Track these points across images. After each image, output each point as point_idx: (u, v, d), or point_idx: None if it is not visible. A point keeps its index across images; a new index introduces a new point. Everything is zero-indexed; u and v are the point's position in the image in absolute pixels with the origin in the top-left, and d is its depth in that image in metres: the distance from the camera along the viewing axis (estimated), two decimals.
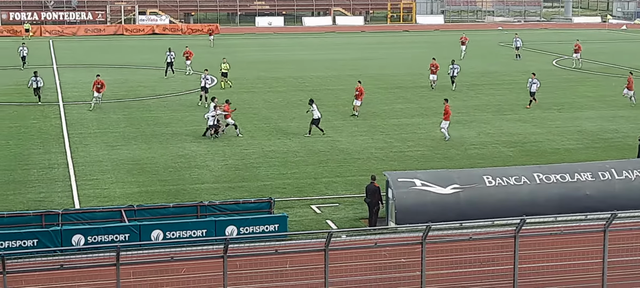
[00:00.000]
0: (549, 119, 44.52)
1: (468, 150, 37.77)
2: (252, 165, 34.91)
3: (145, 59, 70.78)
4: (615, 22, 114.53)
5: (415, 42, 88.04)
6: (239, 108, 47.56)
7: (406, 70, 64.13)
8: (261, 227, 25.84)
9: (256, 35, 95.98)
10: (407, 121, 43.94)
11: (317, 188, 31.65)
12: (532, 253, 21.73)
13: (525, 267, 21.15)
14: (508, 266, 20.58)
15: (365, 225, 27.36)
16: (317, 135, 40.40)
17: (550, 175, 27.71)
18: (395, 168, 33.45)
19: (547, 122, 43.82)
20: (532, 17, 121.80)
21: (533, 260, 21.83)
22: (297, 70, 63.55)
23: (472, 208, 26.57)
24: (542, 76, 59.89)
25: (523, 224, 19.86)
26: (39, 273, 20.51)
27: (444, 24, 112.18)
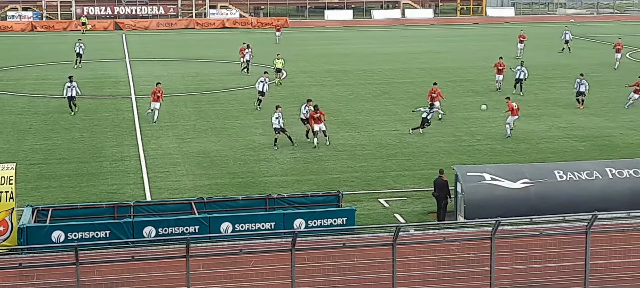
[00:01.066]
0: (621, 113, 43.71)
1: (538, 144, 37.32)
2: (320, 158, 35.03)
3: (216, 53, 71.47)
4: None
5: (485, 35, 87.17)
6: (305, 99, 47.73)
7: (476, 63, 63.56)
8: (329, 221, 25.92)
9: (325, 29, 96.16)
10: (477, 114, 43.57)
11: (386, 182, 31.63)
12: (603, 249, 21.37)
13: (597, 263, 20.83)
14: (579, 262, 20.30)
15: (433, 219, 27.24)
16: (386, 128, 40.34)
17: (623, 170, 27.24)
18: (464, 162, 33.28)
19: (619, 116, 43.04)
20: (605, 10, 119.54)
21: (605, 256, 21.47)
22: (365, 64, 63.49)
23: (542, 203, 26.27)
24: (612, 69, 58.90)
25: (595, 220, 19.57)
26: (110, 264, 20.91)
27: (514, 16, 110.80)
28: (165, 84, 52.92)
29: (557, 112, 43.94)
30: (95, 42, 77.83)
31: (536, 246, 21.39)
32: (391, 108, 45.69)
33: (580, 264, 20.24)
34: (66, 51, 69.70)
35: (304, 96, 48.96)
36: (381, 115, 43.67)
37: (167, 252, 20.88)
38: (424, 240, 22.23)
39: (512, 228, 23.16)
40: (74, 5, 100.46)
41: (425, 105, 41.02)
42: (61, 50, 72.50)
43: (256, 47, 64.47)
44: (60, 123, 41.87)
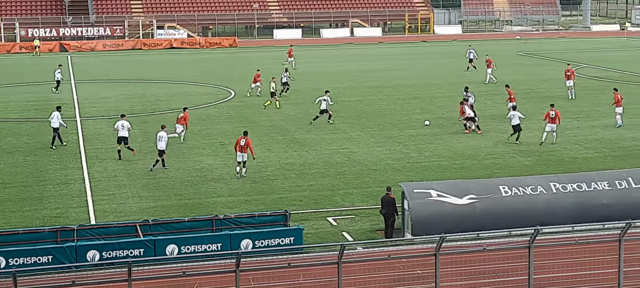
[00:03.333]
0: (566, 128, 44.20)
1: (485, 160, 37.58)
2: (268, 177, 34.89)
3: (164, 73, 71.00)
4: (634, 29, 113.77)
5: (433, 53, 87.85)
6: (256, 119, 47.70)
7: (424, 80, 63.98)
8: (276, 240, 25.80)
9: (274, 48, 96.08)
10: (424, 131, 43.79)
11: (334, 200, 31.59)
12: (547, 263, 21.53)
13: (540, 278, 20.95)
14: (523, 277, 20.41)
15: (381, 236, 27.23)
16: (335, 146, 40.37)
17: (567, 184, 27.51)
18: (412, 179, 33.38)
19: (564, 131, 43.49)
20: (550, 26, 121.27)
21: (548, 270, 21.63)
22: (314, 82, 63.49)
23: (488, 219, 26.40)
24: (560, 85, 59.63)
25: (537, 234, 19.70)
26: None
27: (462, 34, 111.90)
28: (111, 106, 52.58)
29: (504, 128, 44.26)
30: (41, 64, 76.86)
31: (481, 262, 21.47)
32: (340, 126, 45.71)
33: (523, 279, 20.35)
34: (8, 74, 68.71)
35: (253, 116, 48.90)
36: (330, 134, 43.67)
37: (109, 276, 20.57)
38: (370, 258, 22.20)
39: (457, 244, 23.23)
40: (17, 28, 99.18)
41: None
42: (3, 73, 71.47)
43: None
44: (3, 147, 41.20)
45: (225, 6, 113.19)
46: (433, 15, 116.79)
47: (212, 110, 51.82)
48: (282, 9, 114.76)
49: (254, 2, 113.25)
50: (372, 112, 50.08)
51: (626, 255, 20.48)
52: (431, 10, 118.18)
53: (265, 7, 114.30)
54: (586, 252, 22.29)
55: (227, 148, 40.15)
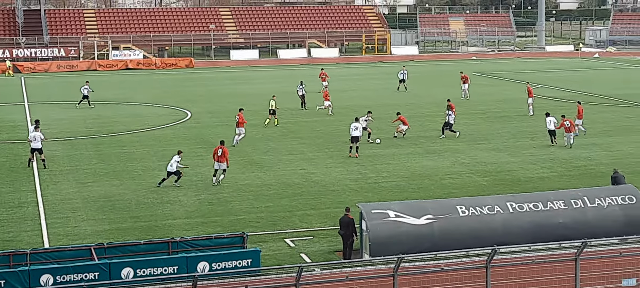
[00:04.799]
0: (522, 148, 44.58)
1: (442, 180, 37.69)
2: (225, 199, 34.64)
3: (119, 94, 70.41)
4: (588, 50, 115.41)
5: (390, 73, 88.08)
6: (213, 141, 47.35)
7: (381, 101, 64.15)
8: (233, 262, 25.57)
9: (231, 69, 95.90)
10: (382, 152, 43.82)
11: (292, 222, 31.43)
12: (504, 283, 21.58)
13: None
14: None
15: (339, 258, 27.13)
16: (292, 167, 40.25)
17: (523, 204, 27.66)
18: (369, 200, 33.33)
19: (521, 150, 43.87)
20: (506, 47, 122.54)
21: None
22: None
23: (446, 239, 26.42)
24: (517, 105, 60.21)
25: (494, 254, 19.74)
26: None
27: (418, 55, 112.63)
28: (66, 127, 51.99)
29: (461, 148, 44.52)
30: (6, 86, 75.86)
31: (438, 282, 21.46)
32: (297, 147, 45.62)
33: None
34: None
35: (209, 137, 48.61)
36: (287, 155, 43.54)
37: None
38: (328, 279, 22.10)
39: (415, 265, 23.19)
40: None
41: None
42: None
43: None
44: None
45: (182, 27, 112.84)
46: (390, 36, 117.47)
47: (168, 131, 51.46)
48: (239, 29, 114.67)
49: (210, 23, 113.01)
50: (330, 132, 50.06)
51: (582, 274, 20.60)
52: (388, 31, 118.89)
53: (222, 28, 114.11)
54: (543, 271, 22.40)
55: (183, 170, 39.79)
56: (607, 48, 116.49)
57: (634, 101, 62.12)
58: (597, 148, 44.09)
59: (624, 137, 47.19)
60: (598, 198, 28.15)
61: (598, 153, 42.73)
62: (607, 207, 27.92)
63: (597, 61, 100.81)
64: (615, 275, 22.31)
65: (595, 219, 27.58)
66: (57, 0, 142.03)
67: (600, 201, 28.05)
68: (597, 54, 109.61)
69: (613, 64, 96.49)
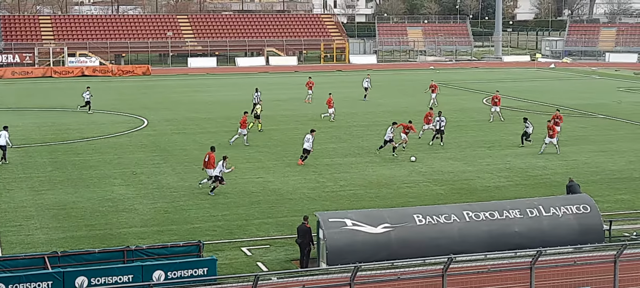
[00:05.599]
0: (479, 157, 44.85)
1: (400, 189, 37.77)
2: (181, 207, 34.38)
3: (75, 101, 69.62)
4: (544, 60, 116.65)
5: (349, 82, 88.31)
6: (170, 149, 47.12)
7: (339, 109, 64.11)
8: (189, 271, 25.33)
9: (189, 76, 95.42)
10: (340, 160, 43.83)
11: (249, 230, 31.27)
12: None
13: None
14: None
15: (296, 266, 27.03)
16: (250, 176, 40.07)
17: (480, 212, 27.79)
18: (327, 208, 33.27)
19: (477, 160, 44.13)
20: (463, 57, 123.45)
21: None
22: (229, 111, 63.17)
23: (403, 247, 26.45)
24: (473, 114, 60.64)
25: (451, 263, 19.77)
26: None
27: (377, 64, 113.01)
28: (20, 134, 51.27)
29: (419, 157, 44.64)
30: None
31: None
32: (255, 155, 45.46)
33: None
34: None
35: (166, 145, 48.29)
36: (245, 163, 43.33)
37: None
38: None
39: (372, 274, 23.17)
40: None
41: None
42: None
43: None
44: None
45: (139, 34, 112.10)
46: (348, 44, 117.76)
47: (124, 138, 51.01)
48: (197, 37, 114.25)
49: (168, 30, 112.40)
50: (288, 141, 49.96)
51: (537, 282, 20.71)
52: (346, 39, 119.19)
53: (180, 36, 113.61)
54: (498, 279, 22.49)
55: (139, 178, 39.51)
56: (562, 59, 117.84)
57: (589, 111, 62.88)
58: (553, 157, 44.50)
59: (579, 147, 47.71)
60: (553, 208, 28.38)
61: (553, 163, 43.11)
62: (562, 216, 28.15)
63: (553, 71, 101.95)
64: (570, 283, 22.48)
65: (550, 228, 27.80)
66: (12, 6, 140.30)
67: (555, 210, 28.28)
68: (553, 64, 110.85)
69: (568, 74, 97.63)
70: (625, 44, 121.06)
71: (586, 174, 39.75)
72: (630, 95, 74.49)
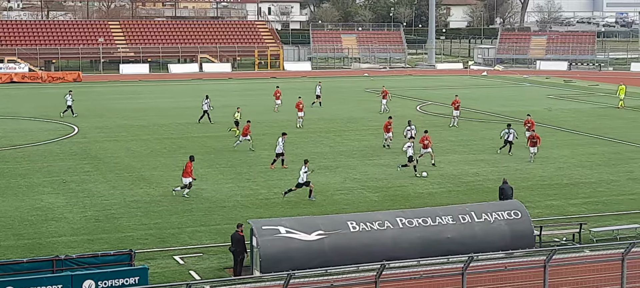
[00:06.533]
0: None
1: (333, 196, 37.77)
2: (113, 216, 33.88)
3: (2, 109, 68.29)
4: (477, 68, 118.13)
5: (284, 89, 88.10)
6: (100, 156, 46.44)
7: (273, 116, 64.08)
8: (120, 280, 24.93)
9: (120, 83, 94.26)
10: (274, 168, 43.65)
11: (181, 238, 30.95)
12: None
13: None
14: None
15: (230, 274, 26.84)
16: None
17: (413, 219, 27.92)
18: (261, 216, 33.10)
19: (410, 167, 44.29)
20: (397, 64, 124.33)
21: None
22: (161, 118, 62.58)
23: (337, 254, 26.43)
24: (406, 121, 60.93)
25: (383, 269, 19.78)
26: None
27: (311, 71, 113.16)
28: None
29: (352, 164, 44.77)
30: None
31: None
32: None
33: None
34: None
35: (97, 153, 47.60)
36: (177, 170, 42.75)
37: None
38: None
39: (305, 281, 23.10)
40: None
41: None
42: None
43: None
44: None
45: (69, 40, 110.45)
46: (282, 51, 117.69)
47: (54, 146, 50.10)
48: (129, 43, 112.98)
49: (99, 36, 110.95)
50: (221, 148, 49.66)
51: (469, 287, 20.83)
52: (281, 46, 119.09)
53: (112, 42, 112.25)
54: (431, 285, 22.60)
55: (70, 186, 38.83)
56: (494, 66, 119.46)
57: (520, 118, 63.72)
58: (485, 164, 44.99)
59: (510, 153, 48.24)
60: (485, 214, 28.66)
61: (485, 169, 43.59)
62: (493, 222, 28.44)
63: (485, 79, 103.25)
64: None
65: (482, 234, 28.05)
66: None
67: (487, 216, 28.56)
68: (485, 71, 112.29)
69: (500, 81, 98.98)
70: (555, 52, 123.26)
71: (517, 180, 40.25)
72: (560, 102, 75.79)
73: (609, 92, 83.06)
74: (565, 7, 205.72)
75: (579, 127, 56.02)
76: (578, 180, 41.34)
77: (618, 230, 31.59)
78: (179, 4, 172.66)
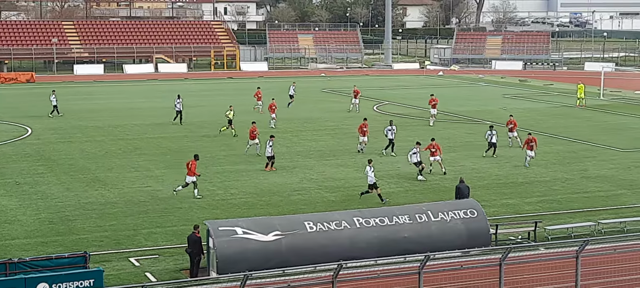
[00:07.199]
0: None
1: (291, 196, 37.69)
2: (67, 218, 33.48)
3: None
4: (433, 68, 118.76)
5: (240, 89, 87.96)
6: (55, 157, 45.88)
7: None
8: (75, 283, 24.66)
9: (75, 84, 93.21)
10: (231, 168, 43.48)
11: (137, 240, 30.69)
12: None
13: None
14: None
15: (186, 276, 26.65)
16: (138, 185, 39.36)
17: (370, 219, 27.94)
18: (217, 217, 32.92)
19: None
20: (354, 64, 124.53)
21: None
22: (116, 119, 62.00)
23: (294, 255, 26.37)
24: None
25: (340, 269, 19.75)
26: None
27: (268, 71, 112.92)
28: None
29: (309, 164, 44.72)
30: None
31: None
32: (143, 164, 44.67)
33: None
34: None
35: (51, 154, 47.03)
36: (133, 172, 42.56)
37: None
38: None
39: (262, 282, 23.00)
40: None
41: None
42: None
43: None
44: None
45: (22, 40, 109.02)
46: (239, 52, 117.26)
47: (7, 148, 49.40)
48: (83, 43, 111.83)
49: (53, 37, 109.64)
50: (177, 149, 49.31)
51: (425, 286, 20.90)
52: (237, 46, 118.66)
53: (65, 42, 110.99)
54: (388, 285, 22.63)
55: (23, 188, 38.30)
56: (450, 66, 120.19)
57: (475, 118, 64.23)
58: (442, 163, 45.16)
59: (466, 152, 48.62)
60: (441, 213, 28.78)
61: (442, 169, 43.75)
62: (450, 221, 28.57)
63: (441, 78, 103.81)
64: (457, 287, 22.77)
65: (438, 233, 28.17)
66: None
67: (443, 215, 28.68)
68: (441, 71, 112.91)
69: (456, 81, 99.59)
70: (510, 52, 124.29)
71: (474, 179, 40.48)
72: (515, 101, 76.43)
73: (564, 92, 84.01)
74: (520, 7, 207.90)
75: (534, 127, 56.47)
76: (533, 179, 41.70)
77: (572, 228, 31.94)
78: (134, 4, 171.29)
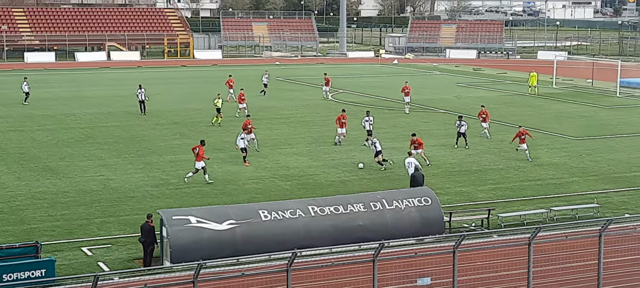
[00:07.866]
0: (324, 152, 45.17)
1: (245, 185, 37.55)
2: (18, 207, 33.03)
3: None
4: (388, 56, 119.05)
5: (194, 77, 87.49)
6: (5, 146, 45.22)
7: (183, 105, 63.41)
8: (26, 273, 24.42)
9: (25, 72, 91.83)
10: (184, 157, 43.12)
11: (89, 230, 30.38)
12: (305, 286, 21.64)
13: None
14: None
15: (139, 265, 26.43)
16: (90, 174, 38.94)
17: (325, 207, 27.92)
18: (171, 206, 32.70)
19: (322, 155, 44.43)
20: (308, 52, 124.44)
21: None
22: (68, 107, 61.30)
23: (248, 244, 26.27)
24: (318, 110, 61.11)
25: (295, 257, 19.71)
26: None
27: (222, 59, 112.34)
28: None
29: (264, 153, 44.57)
30: None
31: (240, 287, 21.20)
32: (95, 153, 44.20)
33: None
34: None
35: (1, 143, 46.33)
36: (85, 161, 42.09)
37: None
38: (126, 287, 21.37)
39: (216, 271, 22.88)
40: None
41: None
42: None
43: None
44: None
45: None
46: (193, 40, 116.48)
47: None
48: (34, 31, 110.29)
49: (2, 24, 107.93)
50: (130, 137, 48.87)
51: (380, 274, 20.95)
52: (191, 34, 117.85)
53: (15, 29, 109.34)
54: (343, 273, 22.67)
55: None
56: (405, 55, 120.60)
57: (431, 106, 64.54)
58: (396, 152, 45.24)
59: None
60: (396, 201, 28.85)
61: (397, 157, 43.84)
62: (404, 209, 28.65)
63: (396, 67, 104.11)
64: (411, 274, 22.89)
65: (393, 221, 28.25)
66: None
67: (397, 203, 28.75)
68: (396, 60, 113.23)
69: (411, 70, 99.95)
70: (465, 41, 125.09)
71: (428, 168, 40.65)
72: (469, 90, 76.95)
73: (517, 80, 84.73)
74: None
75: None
76: (486, 167, 42.02)
77: (525, 215, 32.24)
78: None
